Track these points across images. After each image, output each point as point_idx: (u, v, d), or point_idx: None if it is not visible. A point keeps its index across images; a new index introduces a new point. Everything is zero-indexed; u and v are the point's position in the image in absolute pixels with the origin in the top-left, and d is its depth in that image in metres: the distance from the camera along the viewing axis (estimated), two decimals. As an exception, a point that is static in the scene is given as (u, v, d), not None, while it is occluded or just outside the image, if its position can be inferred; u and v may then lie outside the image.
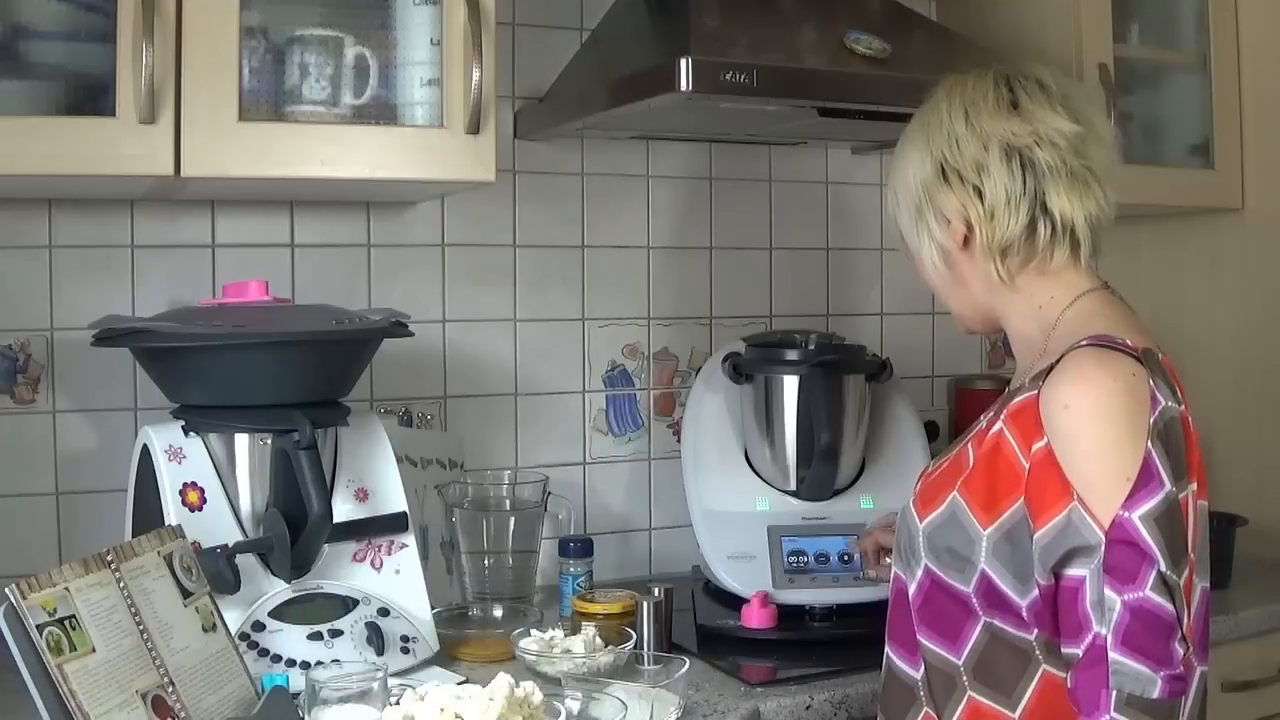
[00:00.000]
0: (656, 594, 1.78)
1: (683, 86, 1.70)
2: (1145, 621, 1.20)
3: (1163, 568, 1.20)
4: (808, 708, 1.65)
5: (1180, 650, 1.20)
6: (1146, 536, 1.21)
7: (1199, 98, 2.40)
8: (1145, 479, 1.22)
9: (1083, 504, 1.23)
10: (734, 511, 2.01)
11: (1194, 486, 1.28)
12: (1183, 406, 1.29)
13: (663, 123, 2.12)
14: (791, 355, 2.04)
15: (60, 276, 1.88)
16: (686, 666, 1.57)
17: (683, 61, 1.70)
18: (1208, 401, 2.32)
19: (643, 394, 2.30)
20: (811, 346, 2.04)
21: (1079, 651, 1.23)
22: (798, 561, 1.94)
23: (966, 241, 1.39)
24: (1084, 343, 1.30)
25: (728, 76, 1.73)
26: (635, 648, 1.71)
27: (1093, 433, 1.25)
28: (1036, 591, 1.27)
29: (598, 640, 1.69)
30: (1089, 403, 1.25)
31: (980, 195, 1.36)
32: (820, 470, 1.98)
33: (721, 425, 2.09)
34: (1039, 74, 1.41)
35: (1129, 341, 1.30)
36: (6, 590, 1.23)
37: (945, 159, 1.38)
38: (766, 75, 1.76)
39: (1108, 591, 1.21)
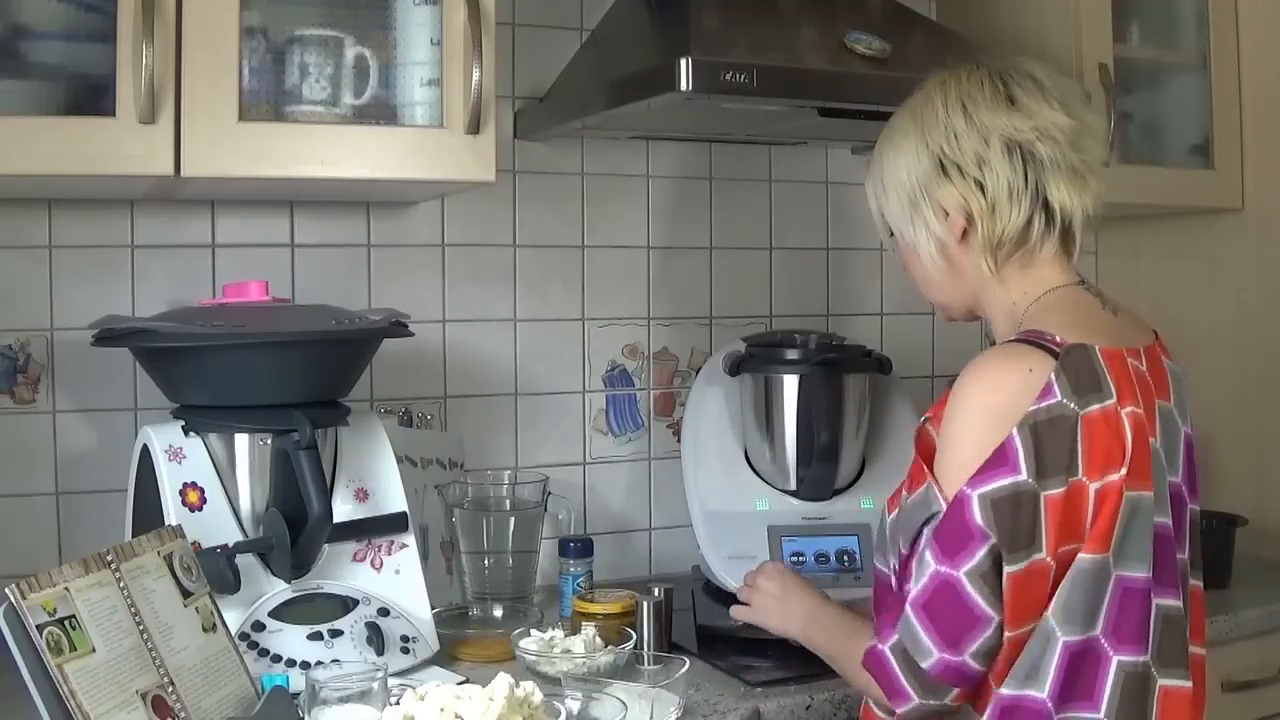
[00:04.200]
0: (656, 594, 1.78)
1: (683, 86, 1.70)
2: (947, 599, 1.24)
3: (982, 552, 1.23)
4: (808, 708, 1.65)
5: (978, 646, 1.23)
6: (978, 514, 1.23)
7: (1199, 98, 2.40)
8: (997, 461, 1.24)
9: (935, 479, 1.29)
10: (734, 511, 2.01)
11: (1114, 477, 1.26)
12: (1112, 401, 1.28)
13: (663, 123, 2.12)
14: (791, 355, 2.04)
15: (60, 276, 1.88)
16: (686, 666, 1.57)
17: (683, 61, 1.70)
18: (1208, 401, 2.32)
19: (643, 394, 2.30)
20: (811, 346, 2.04)
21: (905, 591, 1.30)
22: (798, 561, 1.94)
23: (964, 234, 1.41)
24: (1013, 338, 1.35)
25: (728, 76, 1.73)
26: (635, 648, 1.70)
27: (961, 415, 1.29)
28: (897, 558, 1.34)
29: (598, 640, 1.69)
30: (968, 388, 1.30)
31: (982, 189, 1.38)
32: (820, 470, 1.98)
33: (721, 425, 2.09)
34: (1030, 69, 1.42)
35: (1058, 337, 1.31)
36: (6, 590, 1.23)
37: (944, 152, 1.40)
38: (766, 75, 1.76)
39: (928, 555, 1.26)
